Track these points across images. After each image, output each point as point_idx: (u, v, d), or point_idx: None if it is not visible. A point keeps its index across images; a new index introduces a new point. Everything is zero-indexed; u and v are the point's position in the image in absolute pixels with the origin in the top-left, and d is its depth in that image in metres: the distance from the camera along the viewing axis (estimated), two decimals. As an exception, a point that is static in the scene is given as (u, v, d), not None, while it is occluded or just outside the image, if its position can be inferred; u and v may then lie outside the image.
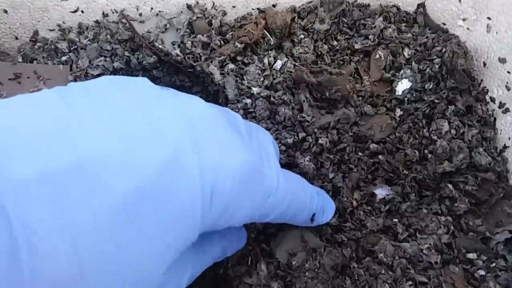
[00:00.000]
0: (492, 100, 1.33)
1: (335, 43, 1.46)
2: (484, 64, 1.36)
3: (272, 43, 1.43)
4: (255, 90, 1.35)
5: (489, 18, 1.36)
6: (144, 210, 0.61)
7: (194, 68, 1.40)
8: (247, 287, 1.06)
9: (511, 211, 1.18)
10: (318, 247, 1.11)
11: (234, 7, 1.51)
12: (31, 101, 0.63)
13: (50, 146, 0.56)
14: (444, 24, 1.50)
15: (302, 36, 1.46)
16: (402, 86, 1.39)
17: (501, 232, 1.17)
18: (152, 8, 1.47)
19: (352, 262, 1.13)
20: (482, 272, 1.12)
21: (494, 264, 1.13)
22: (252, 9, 1.52)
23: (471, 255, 1.15)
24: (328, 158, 1.27)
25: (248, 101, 1.33)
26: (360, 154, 1.30)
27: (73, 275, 0.55)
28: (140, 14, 1.47)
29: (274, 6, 1.51)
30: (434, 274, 1.11)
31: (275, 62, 1.41)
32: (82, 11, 1.45)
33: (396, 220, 1.22)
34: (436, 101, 1.34)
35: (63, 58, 1.37)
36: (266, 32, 1.43)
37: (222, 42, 1.43)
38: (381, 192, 1.24)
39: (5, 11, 1.42)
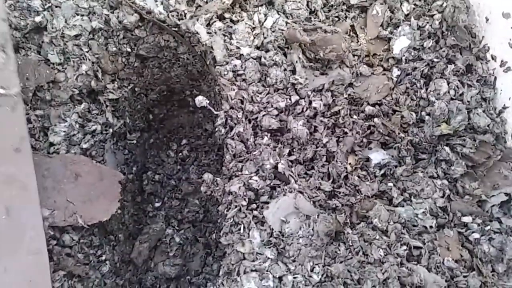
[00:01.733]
0: (494, 58, 1.27)
1: (330, -3, 1.37)
2: (487, 20, 1.29)
3: (262, -2, 1.33)
4: (244, 50, 1.27)
5: (494, -31, 1.27)
6: None
7: (178, 27, 1.31)
8: (240, 255, 1.04)
9: (508, 173, 1.16)
10: (312, 213, 1.09)
11: (220, -42, 1.39)
12: None
13: None
14: (445, -25, 1.40)
15: (294, -10, 1.36)
16: (400, 44, 1.31)
17: (497, 194, 1.15)
18: (131, -40, 1.35)
19: (346, 227, 1.11)
20: (476, 235, 1.11)
21: (488, 227, 1.12)
22: (241, -40, 1.40)
23: (466, 219, 1.14)
24: (322, 122, 1.22)
25: (238, 62, 1.25)
26: (355, 117, 1.25)
27: None
28: (119, -33, 1.35)
29: (264, -43, 1.40)
30: (429, 238, 1.10)
31: (265, 20, 1.32)
32: (55, -36, 1.32)
33: (391, 184, 1.19)
34: (435, 60, 1.27)
35: (37, 18, 1.26)
36: (255, -14, 1.33)
37: (209, -2, 1.33)
38: (376, 156, 1.21)
39: (-31, -35, 1.29)
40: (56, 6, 1.30)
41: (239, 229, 1.07)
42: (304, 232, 1.06)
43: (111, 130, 1.34)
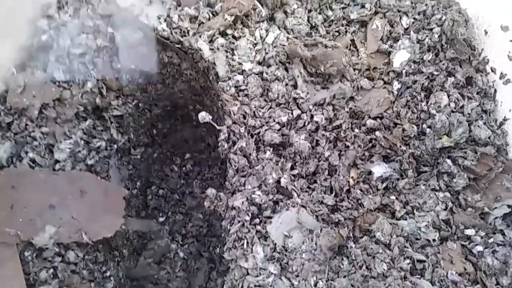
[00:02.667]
0: (493, 70, 1.28)
1: (330, 13, 1.39)
2: (486, 33, 1.30)
3: (263, 14, 1.35)
4: (246, 66, 1.29)
5: (491, -17, 1.29)
6: None
7: (181, 43, 1.33)
8: (243, 271, 1.05)
9: (510, 185, 1.16)
10: (315, 228, 1.10)
11: (222, -24, 1.42)
12: None
13: None
14: (444, -11, 1.42)
15: (295, 6, 1.38)
16: (400, 57, 1.33)
17: (500, 207, 1.15)
18: (135, -20, 1.38)
19: (349, 241, 1.11)
20: (480, 248, 1.11)
21: (492, 240, 1.12)
22: (242, -22, 1.43)
23: (469, 231, 1.14)
24: (323, 135, 1.23)
25: (240, 77, 1.27)
26: (356, 130, 1.26)
27: None
28: (123, -14, 1.38)
29: (264, -26, 1.42)
30: (432, 251, 1.10)
31: (267, 35, 1.34)
32: (60, -15, 1.35)
33: (393, 197, 1.19)
34: (435, 73, 1.28)
35: (43, 37, 1.29)
36: (257, 2, 1.35)
37: (211, 15, 1.35)
38: (378, 169, 1.21)
39: (-23, -13, 1.32)
40: (62, 25, 1.33)
41: (243, 244, 1.08)
42: (307, 247, 1.06)
43: (115, 146, 1.36)
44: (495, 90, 1.27)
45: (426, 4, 1.37)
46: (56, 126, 1.26)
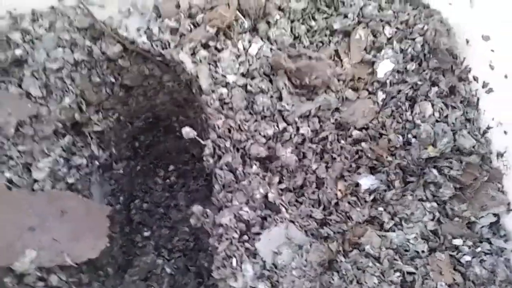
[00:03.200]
0: (475, 79, 1.29)
1: (313, 23, 1.37)
2: (467, 42, 1.31)
3: (246, 25, 1.33)
4: (230, 78, 1.26)
5: (472, -8, 1.30)
6: None
7: (163, 56, 1.30)
8: (233, 291, 1.03)
9: (495, 193, 1.18)
10: (304, 243, 1.08)
11: (203, -14, 1.39)
12: None
13: None
14: (425, -2, 1.42)
15: (278, 16, 1.36)
16: (384, 67, 1.32)
17: (486, 215, 1.17)
18: (113, -10, 1.33)
19: (339, 256, 1.11)
20: (468, 258, 1.12)
21: (479, 249, 1.13)
22: (223, -13, 1.40)
23: (456, 241, 1.15)
24: (310, 148, 1.22)
25: (224, 90, 1.24)
26: (342, 142, 1.26)
27: None
28: (100, -3, 1.33)
29: (246, -17, 1.40)
30: (421, 263, 1.10)
31: (250, 47, 1.32)
32: (35, -4, 1.30)
33: (381, 209, 1.19)
34: (419, 82, 1.29)
35: (17, 51, 1.23)
36: (239, 13, 1.33)
37: (192, 27, 1.32)
38: (365, 181, 1.21)
39: None
40: (37, 38, 1.28)
41: (231, 263, 1.06)
42: (297, 263, 1.05)
43: (97, 163, 1.32)
44: (478, 99, 1.28)
45: (408, 14, 1.37)
46: (33, 144, 1.21)
